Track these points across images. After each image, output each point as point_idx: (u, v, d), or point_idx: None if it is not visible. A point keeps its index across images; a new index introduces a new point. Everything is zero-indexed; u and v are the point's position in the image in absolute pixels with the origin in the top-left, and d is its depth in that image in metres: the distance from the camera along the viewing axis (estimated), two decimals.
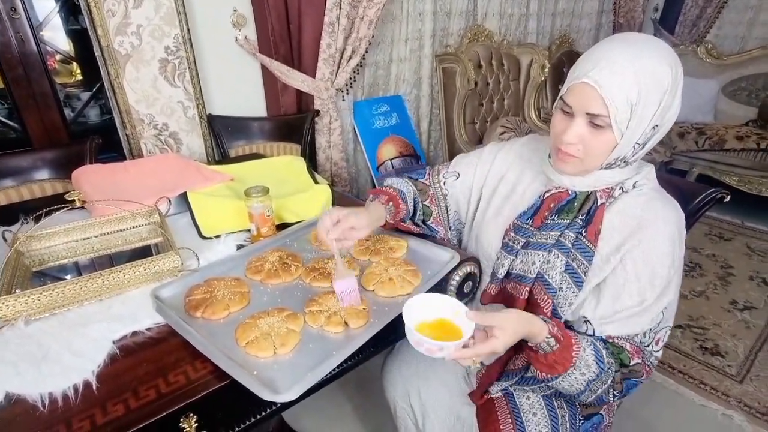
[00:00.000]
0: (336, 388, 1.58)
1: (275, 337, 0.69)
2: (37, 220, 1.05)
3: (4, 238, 0.95)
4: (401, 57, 2.41)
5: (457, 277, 0.90)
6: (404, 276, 0.85)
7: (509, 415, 0.84)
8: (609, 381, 0.72)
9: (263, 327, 0.71)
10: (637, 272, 0.73)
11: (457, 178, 0.99)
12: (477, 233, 0.95)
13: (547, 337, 0.71)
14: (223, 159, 1.82)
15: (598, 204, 0.77)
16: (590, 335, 0.76)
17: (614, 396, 0.74)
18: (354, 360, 0.74)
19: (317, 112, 1.99)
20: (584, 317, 0.78)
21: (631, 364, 0.73)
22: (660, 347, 0.76)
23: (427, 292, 0.81)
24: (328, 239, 0.80)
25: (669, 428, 1.46)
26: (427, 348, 0.66)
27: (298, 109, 2.00)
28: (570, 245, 0.77)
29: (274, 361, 0.67)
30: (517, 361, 0.85)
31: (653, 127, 0.71)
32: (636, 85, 0.66)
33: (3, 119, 2.33)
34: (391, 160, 2.39)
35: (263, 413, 0.68)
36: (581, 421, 0.86)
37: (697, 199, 0.94)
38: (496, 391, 0.86)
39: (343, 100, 2.15)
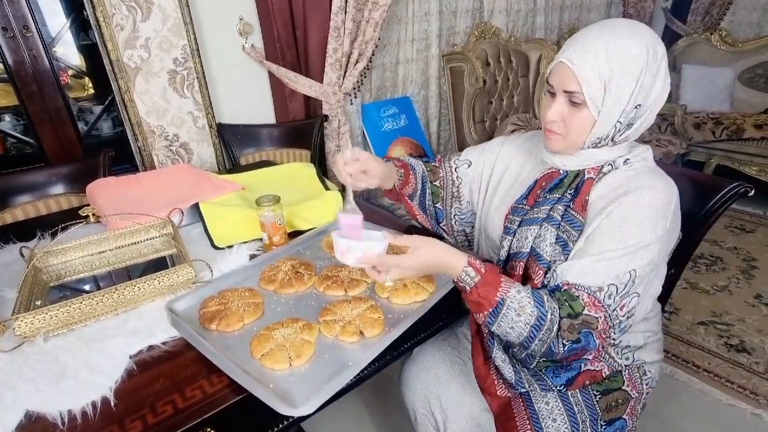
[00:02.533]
0: (353, 392, 1.56)
1: (290, 348, 0.69)
2: (54, 235, 1.06)
3: (22, 255, 0.96)
4: (408, 58, 2.40)
5: None
6: (419, 282, 0.84)
7: (528, 421, 0.83)
8: (555, 329, 0.70)
9: (278, 338, 0.70)
10: (609, 227, 0.73)
11: (469, 166, 1.03)
12: (484, 223, 0.98)
13: (464, 267, 0.72)
14: (234, 167, 1.83)
15: (585, 179, 0.80)
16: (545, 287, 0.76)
17: (564, 345, 0.71)
18: (370, 369, 0.73)
19: (326, 117, 1.99)
20: (554, 270, 0.77)
21: (583, 312, 0.70)
22: (625, 314, 0.72)
23: (437, 294, 0.82)
24: (344, 172, 0.83)
25: (695, 429, 1.42)
26: (341, 251, 0.74)
27: (306, 115, 2.00)
28: (559, 218, 0.79)
29: (290, 373, 0.66)
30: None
31: (636, 107, 0.73)
32: (608, 63, 0.70)
33: (19, 135, 2.38)
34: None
35: (280, 426, 0.67)
36: (603, 426, 0.83)
37: (720, 194, 0.91)
38: (499, 360, 0.85)
39: (351, 103, 2.15)
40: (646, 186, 0.74)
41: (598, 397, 0.84)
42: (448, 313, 0.88)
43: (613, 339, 0.75)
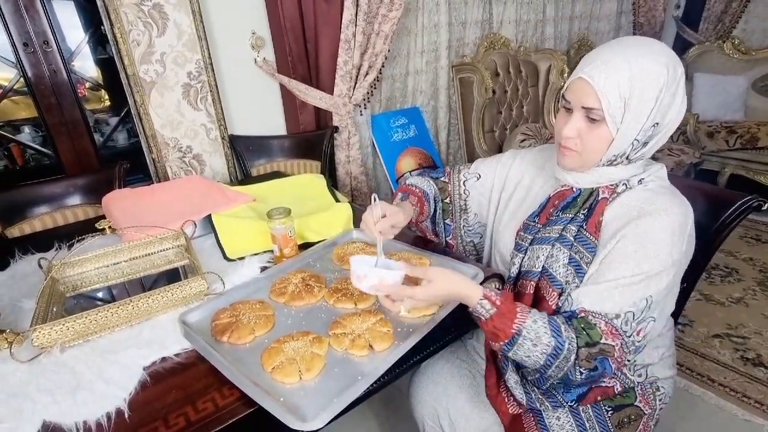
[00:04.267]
0: (362, 404, 1.57)
1: (300, 361, 0.69)
2: (71, 246, 1.09)
3: (40, 266, 0.99)
4: (417, 69, 2.42)
5: None
6: None
7: None
8: (572, 358, 0.69)
9: (288, 352, 0.71)
10: (625, 252, 0.72)
11: (478, 179, 1.03)
12: (495, 239, 0.98)
13: (480, 299, 0.71)
14: (246, 178, 1.85)
15: (599, 198, 0.79)
16: (559, 312, 0.75)
17: (581, 374, 0.71)
18: (379, 382, 0.73)
19: (336, 128, 2.01)
20: (568, 293, 0.76)
21: (601, 341, 0.69)
22: (641, 338, 0.72)
23: (447, 307, 0.82)
24: (375, 230, 0.85)
25: None
26: (357, 276, 0.76)
27: (317, 126, 2.02)
28: (572, 238, 0.78)
29: (300, 387, 0.67)
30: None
31: (654, 125, 0.73)
32: (629, 80, 0.70)
33: (38, 147, 2.44)
34: (410, 172, 2.39)
35: None
36: None
37: (732, 208, 0.90)
38: (512, 381, 0.84)
39: (361, 114, 2.17)
40: (662, 209, 0.73)
41: (609, 413, 0.83)
42: (458, 326, 0.88)
43: (628, 361, 0.74)
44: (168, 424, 0.62)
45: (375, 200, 0.87)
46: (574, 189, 0.82)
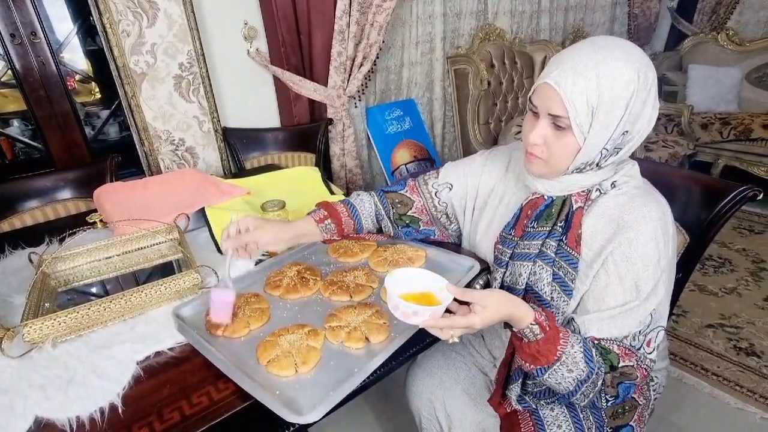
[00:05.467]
0: (358, 396, 1.57)
1: (296, 355, 0.69)
2: (62, 241, 1.07)
3: (31, 260, 0.97)
4: (412, 61, 2.40)
5: (478, 286, 0.88)
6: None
7: (533, 429, 0.82)
8: (599, 383, 0.69)
9: (284, 345, 0.70)
10: (619, 274, 0.71)
11: (450, 189, 0.97)
12: (472, 247, 0.96)
13: (531, 324, 0.68)
14: (239, 171, 1.84)
15: (575, 208, 0.76)
16: (579, 334, 0.73)
17: (607, 401, 0.71)
18: (376, 375, 0.73)
19: (330, 121, 1.99)
20: (571, 317, 0.76)
21: (620, 365, 0.69)
22: (652, 349, 0.72)
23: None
24: (223, 246, 0.82)
25: None
26: (403, 312, 0.67)
27: (311, 118, 2.01)
28: (553, 255, 0.76)
29: (296, 380, 0.66)
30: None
31: (623, 133, 0.70)
32: (597, 89, 0.66)
33: (27, 140, 2.41)
34: (405, 164, 2.38)
35: None
36: None
37: (727, 198, 0.90)
38: (513, 394, 0.83)
39: (356, 106, 2.15)
40: (640, 218, 0.71)
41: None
42: None
43: (651, 371, 0.74)
44: (162, 418, 0.61)
45: (232, 218, 0.83)
46: (545, 197, 0.79)
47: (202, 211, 1.15)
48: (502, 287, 0.84)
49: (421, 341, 0.81)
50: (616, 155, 0.73)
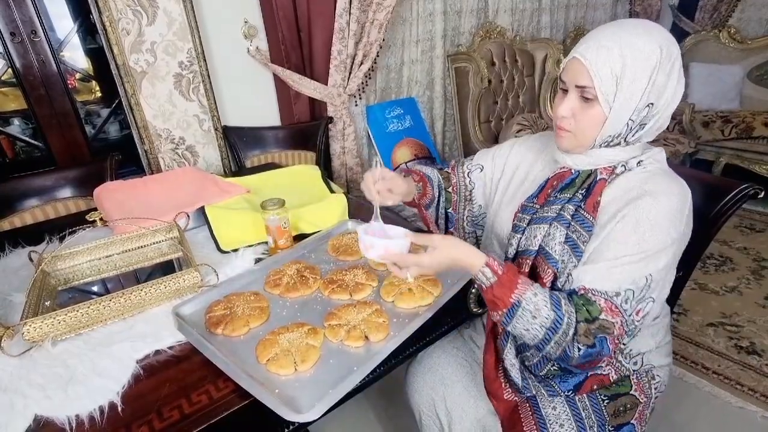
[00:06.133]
0: (358, 394, 1.58)
1: (296, 353, 0.69)
2: (62, 239, 1.07)
3: (31, 259, 0.97)
4: (413, 59, 2.39)
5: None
6: (424, 286, 0.84)
7: (535, 426, 0.82)
8: (571, 333, 0.70)
9: (283, 343, 0.70)
10: (625, 232, 0.72)
11: (482, 170, 1.03)
12: (493, 221, 0.98)
13: (482, 267, 0.72)
14: (240, 170, 1.83)
15: (598, 179, 0.79)
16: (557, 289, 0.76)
17: (579, 350, 0.70)
18: (375, 373, 0.73)
19: (330, 119, 1.99)
20: (569, 273, 0.76)
21: (600, 316, 0.69)
22: (641, 318, 0.72)
23: (442, 298, 0.82)
24: (372, 190, 0.87)
25: None
26: (365, 246, 0.77)
27: (311, 117, 2.00)
28: (570, 217, 0.78)
29: (295, 378, 0.66)
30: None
31: (648, 105, 0.72)
32: (620, 58, 0.70)
33: (28, 139, 2.41)
34: (406, 163, 2.38)
35: (287, 430, 0.67)
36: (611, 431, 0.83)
37: (729, 196, 0.89)
38: (512, 369, 0.84)
39: (356, 105, 2.15)
40: (661, 190, 0.73)
41: (605, 402, 0.83)
42: (453, 317, 0.88)
43: (623, 344, 0.74)
44: (162, 417, 0.61)
45: (376, 163, 0.88)
46: (573, 171, 0.82)
47: (202, 209, 1.15)
48: (516, 254, 0.85)
49: (422, 339, 0.81)
50: (642, 130, 0.75)
